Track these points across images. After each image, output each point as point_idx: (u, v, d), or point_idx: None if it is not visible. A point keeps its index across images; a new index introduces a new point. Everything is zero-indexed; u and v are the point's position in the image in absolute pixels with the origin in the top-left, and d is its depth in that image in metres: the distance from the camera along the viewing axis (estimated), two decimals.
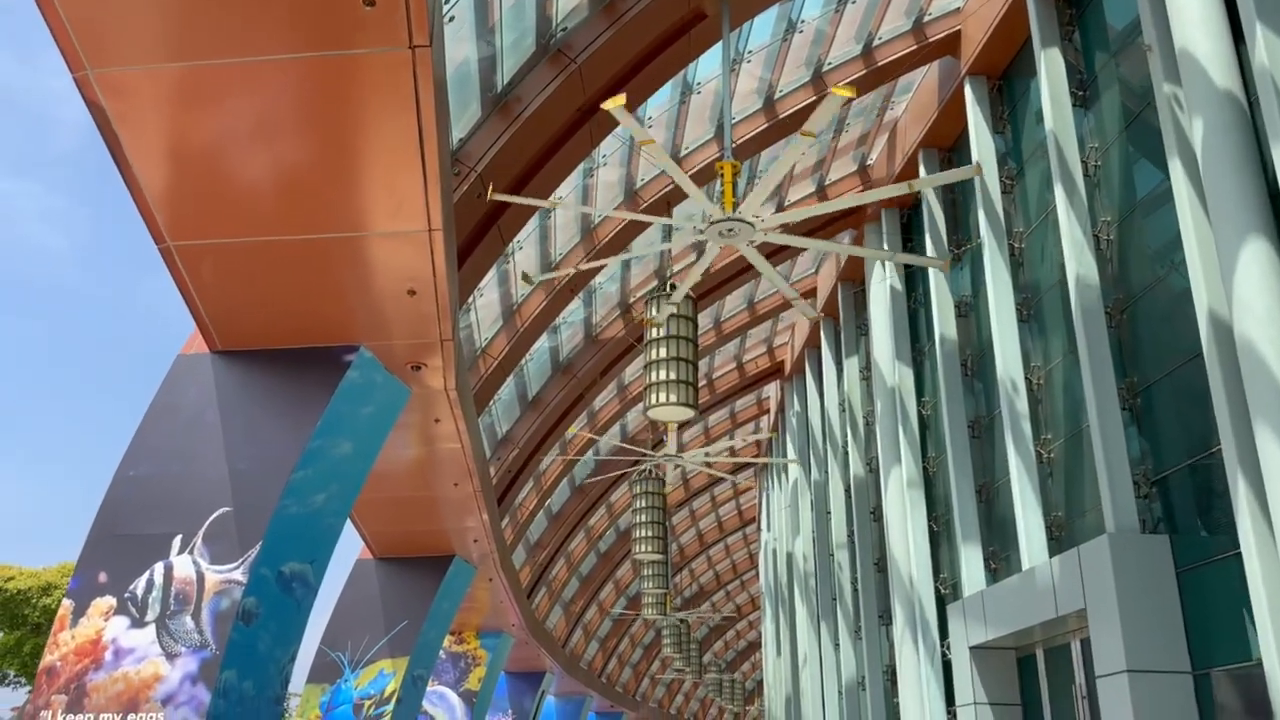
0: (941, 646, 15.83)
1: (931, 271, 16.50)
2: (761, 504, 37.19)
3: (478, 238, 10.67)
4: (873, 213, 18.63)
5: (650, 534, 22.75)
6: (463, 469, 13.06)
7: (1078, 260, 11.85)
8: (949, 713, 15.47)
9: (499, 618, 24.83)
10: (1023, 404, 13.41)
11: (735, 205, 10.03)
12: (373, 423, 10.15)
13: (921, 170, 16.81)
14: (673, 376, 13.96)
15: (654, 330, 14.06)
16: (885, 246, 18.26)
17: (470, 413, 11.19)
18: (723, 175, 10.03)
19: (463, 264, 10.43)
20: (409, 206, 7.23)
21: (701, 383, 27.24)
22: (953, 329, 15.91)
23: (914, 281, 18.26)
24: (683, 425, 27.14)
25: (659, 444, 23.99)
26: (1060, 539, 12.65)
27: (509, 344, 14.68)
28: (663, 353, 14.05)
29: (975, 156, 14.73)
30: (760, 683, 65.58)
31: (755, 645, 62.90)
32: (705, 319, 22.14)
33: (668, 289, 14.31)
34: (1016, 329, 13.87)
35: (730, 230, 9.96)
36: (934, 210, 16.52)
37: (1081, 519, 12.32)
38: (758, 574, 48.73)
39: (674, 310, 13.69)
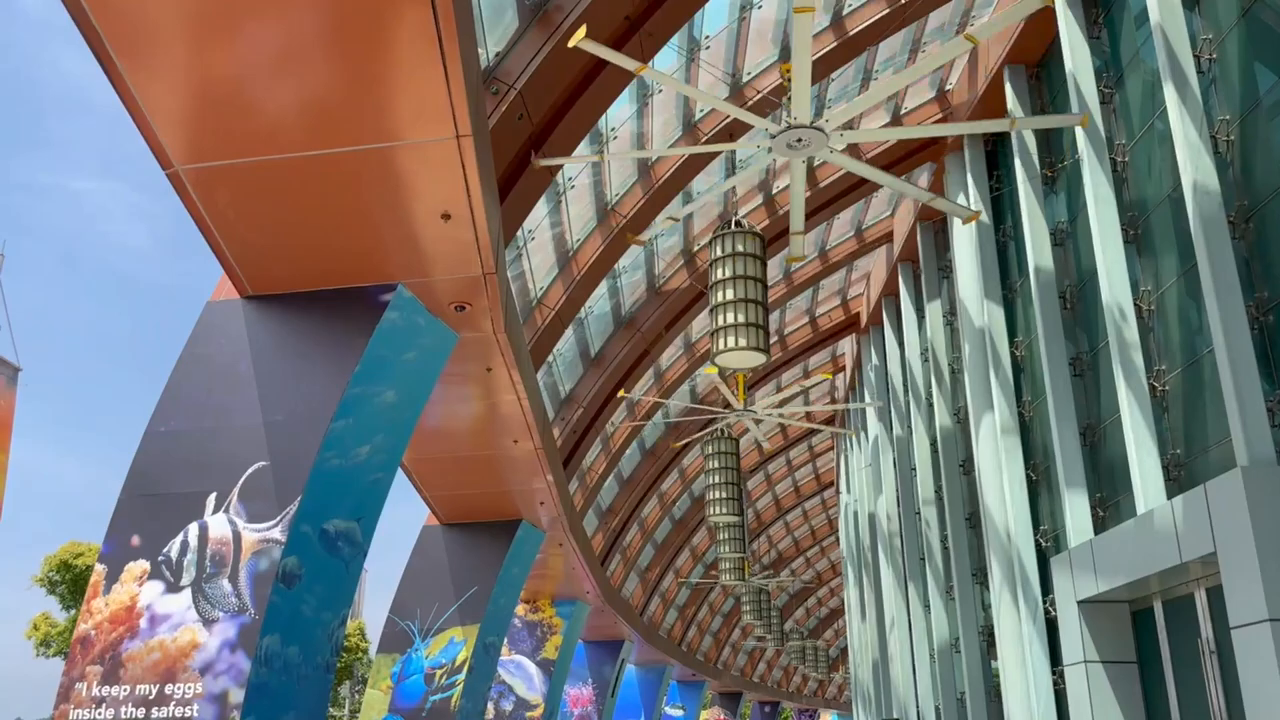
0: (1044, 603, 14.68)
1: (1024, 200, 15.19)
2: (839, 466, 36.01)
3: (520, 166, 9.80)
4: (954, 142, 17.32)
5: (725, 495, 21.80)
6: (521, 424, 12.29)
7: (1194, 166, 10.54)
8: (1054, 673, 14.33)
9: (573, 585, 24.26)
10: (1132, 333, 12.15)
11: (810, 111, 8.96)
12: (417, 370, 9.39)
13: (1008, 90, 15.48)
14: (740, 319, 12.97)
15: (719, 270, 13.09)
16: (969, 177, 16.98)
17: (524, 360, 10.39)
18: (789, 82, 8.96)
19: (505, 195, 9.58)
20: (431, 109, 6.37)
21: (773, 338, 26.21)
22: (1049, 259, 14.62)
23: (1002, 213, 16.94)
24: (753, 385, 26.16)
25: (727, 406, 23.07)
26: (1179, 479, 11.42)
27: (565, 293, 13.85)
28: (729, 294, 13.06)
29: (1069, 68, 13.41)
30: (844, 650, 64.45)
31: (837, 612, 61.77)
32: (774, 269, 21.06)
33: (733, 226, 13.34)
34: (1122, 251, 12.58)
35: (800, 141, 8.91)
36: (1023, 132, 15.19)
37: (1204, 455, 11.06)
38: (837, 539, 47.56)
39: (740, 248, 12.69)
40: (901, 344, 22.91)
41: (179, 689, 7.84)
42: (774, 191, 17.53)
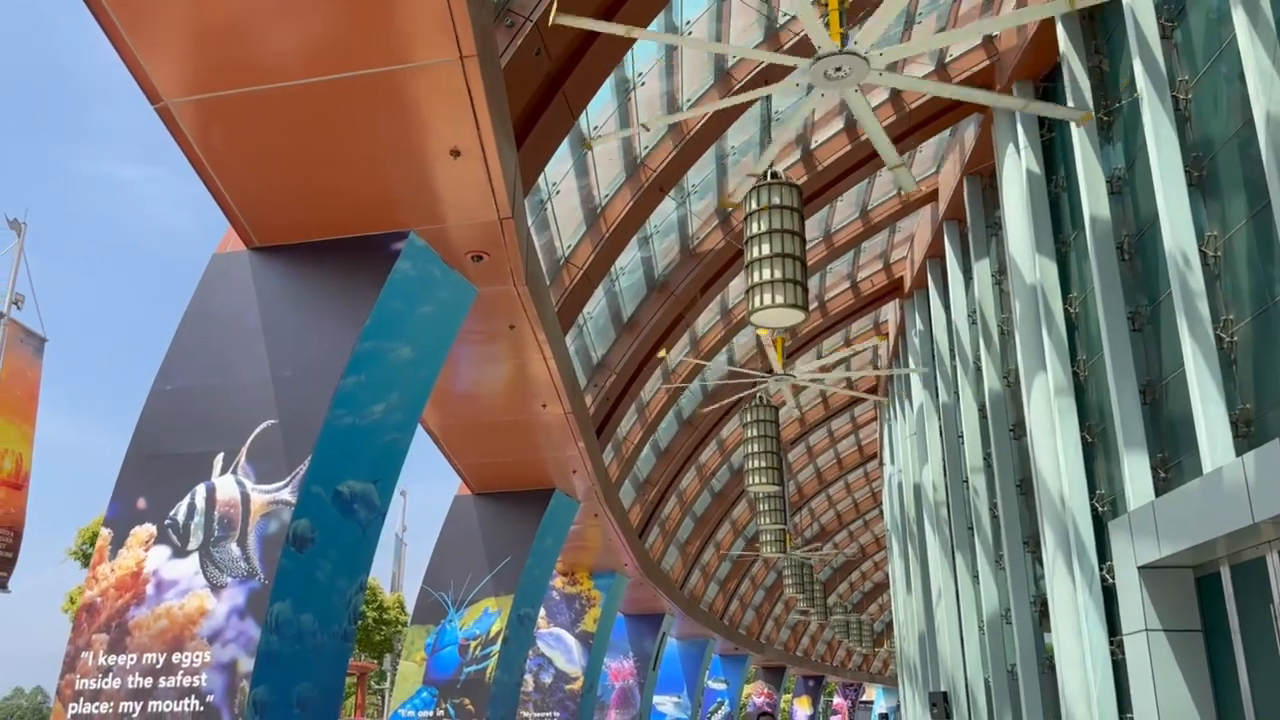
0: (1100, 570, 13.97)
1: (1078, 147, 14.36)
2: (883, 436, 35.22)
3: (539, 106, 9.24)
4: (1001, 90, 16.48)
5: (764, 464, 21.19)
6: (549, 387, 11.81)
7: (1267, 95, 9.73)
8: (1112, 643, 13.64)
9: (611, 557, 23.88)
10: (1197, 281, 11.36)
11: (844, 39, 8.31)
12: (434, 325, 8.91)
13: (1060, 34, 14.63)
14: (778, 275, 12.36)
15: (755, 224, 12.48)
16: (1019, 126, 16.16)
17: (549, 316, 9.88)
18: (828, 2, 8.31)
19: (523, 138, 9.04)
20: (431, 27, 5.84)
21: (813, 304, 25.50)
22: (1105, 208, 13.82)
23: (1054, 163, 16.10)
24: (793, 353, 25.47)
25: (769, 371, 22.44)
26: (1249, 435, 10.66)
27: (594, 252, 13.30)
28: (765, 249, 12.45)
29: (1127, 2, 12.57)
30: (889, 624, 63.75)
31: (881, 586, 61.08)
32: (813, 229, 20.35)
33: (768, 178, 12.71)
34: (1186, 195, 11.76)
35: (839, 70, 8.26)
36: (1076, 74, 14.35)
37: (1277, 409, 10.30)
38: (881, 513, 46.78)
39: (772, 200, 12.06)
40: (947, 307, 22.12)
41: (186, 658, 7.48)
42: (812, 146, 16.82)
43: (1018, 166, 16.50)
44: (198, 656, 7.45)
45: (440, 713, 16.61)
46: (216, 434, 7.98)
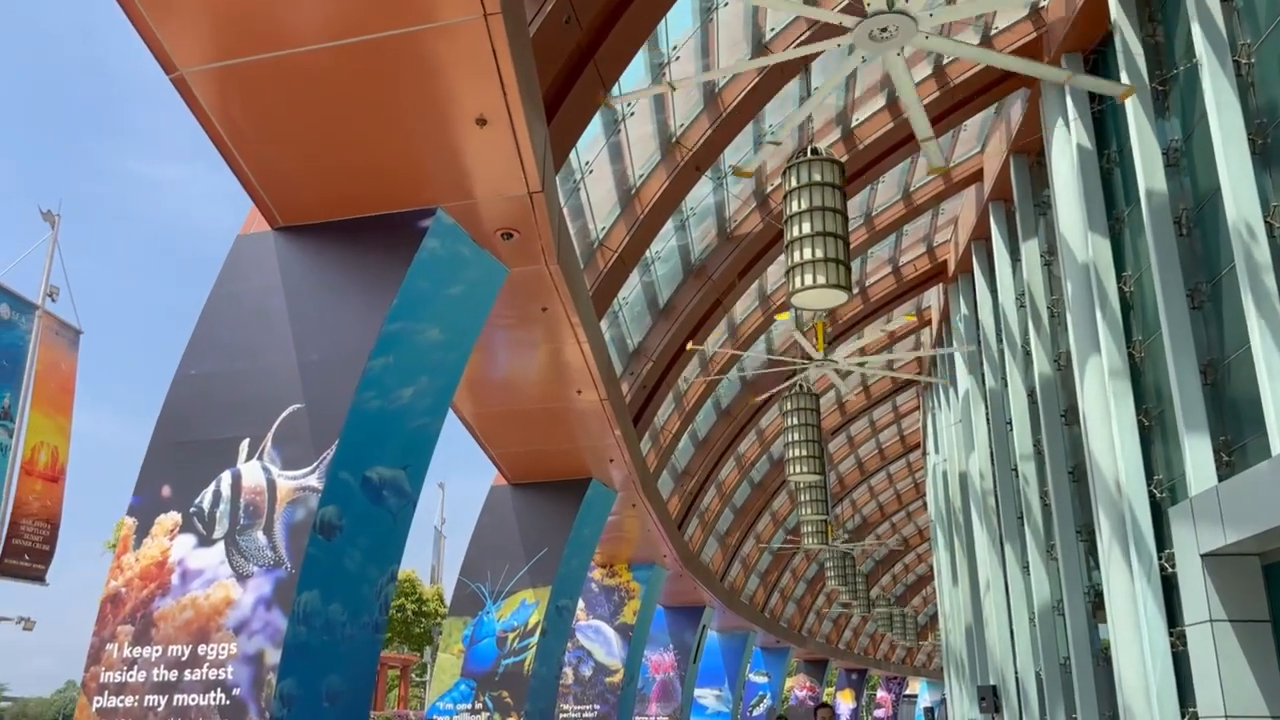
0: (1159, 559, 13.41)
1: (1132, 120, 13.77)
2: (926, 426, 34.59)
3: (570, 78, 8.90)
4: (1050, 60, 15.89)
5: (805, 454, 20.75)
6: (584, 372, 11.50)
7: None
8: (1171, 634, 13.09)
9: (650, 549, 23.57)
10: (1263, 254, 10.79)
11: (891, 1, 7.88)
12: (464, 306, 8.62)
13: (1111, 1, 14.03)
14: (819, 254, 11.94)
15: (795, 202, 12.07)
16: (1068, 99, 15.57)
17: (582, 297, 9.56)
18: None
19: (554, 111, 8.70)
20: None
21: (854, 290, 24.97)
22: (1161, 181, 13.23)
23: (1105, 137, 15.50)
24: (833, 340, 24.96)
25: (807, 359, 21.97)
26: None
27: (629, 234, 12.96)
28: (806, 228, 12.04)
29: None
30: (933, 617, 62.94)
31: (925, 579, 60.26)
32: (854, 212, 19.86)
33: (808, 154, 12.30)
34: (1249, 164, 11.18)
35: (885, 32, 7.84)
36: (1129, 43, 13.76)
37: None
38: (924, 504, 46.04)
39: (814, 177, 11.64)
40: (994, 290, 21.52)
41: (212, 649, 7.26)
42: (853, 124, 16.35)
43: (1067, 141, 15.92)
44: (224, 648, 7.23)
45: (479, 705, 16.40)
46: (242, 419, 7.76)
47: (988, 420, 22.49)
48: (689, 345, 17.03)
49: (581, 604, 25.27)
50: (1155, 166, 13.35)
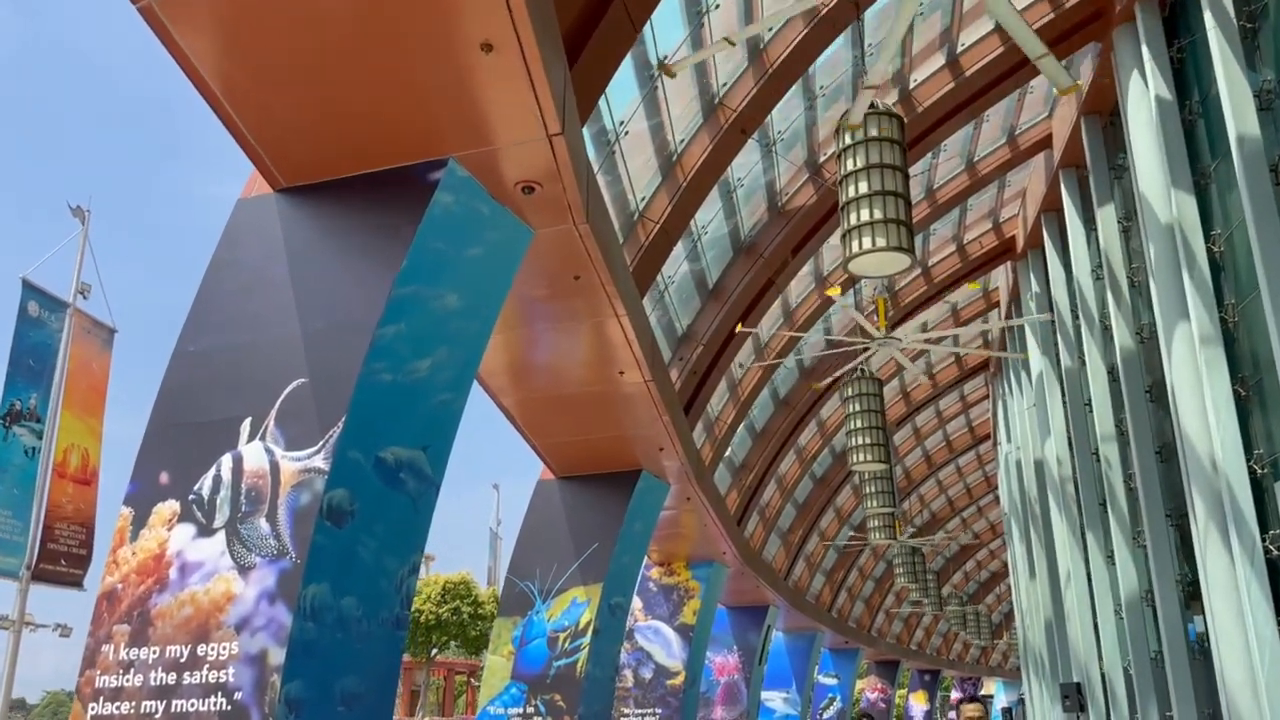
0: (1263, 540, 12.20)
1: (1218, 62, 12.60)
2: (996, 414, 33.17)
3: (594, 14, 8.11)
4: (1123, 11, 14.75)
5: (869, 441, 19.73)
6: (625, 349, 10.70)
7: None
8: (1279, 622, 11.87)
9: (708, 546, 22.70)
10: None
11: None
12: (485, 271, 7.88)
13: None
14: (878, 215, 11.00)
15: (850, 160, 11.15)
16: (1144, 50, 14.42)
17: (618, 264, 8.77)
18: None
19: (577, 52, 7.92)
20: None
21: (914, 272, 23.83)
22: (1254, 126, 12.03)
23: (1186, 86, 14.29)
24: (895, 324, 23.82)
25: (865, 349, 20.92)
26: None
27: (671, 203, 12.13)
28: (863, 187, 11.14)
29: None
30: (1008, 614, 60.96)
31: (998, 576, 58.37)
32: (915, 186, 18.77)
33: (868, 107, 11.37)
34: None
35: None
36: None
37: None
38: (996, 498, 44.41)
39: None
40: (1067, 264, 20.27)
41: (212, 649, 6.60)
42: (911, 85, 15.33)
43: (1144, 95, 14.72)
44: (224, 648, 6.56)
45: (530, 709, 15.68)
46: (243, 397, 7.12)
47: (1064, 402, 21.21)
48: (739, 328, 16.15)
49: (639, 604, 24.50)
50: (1246, 111, 12.15)
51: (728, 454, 23.00)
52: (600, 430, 13.97)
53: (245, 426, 7.07)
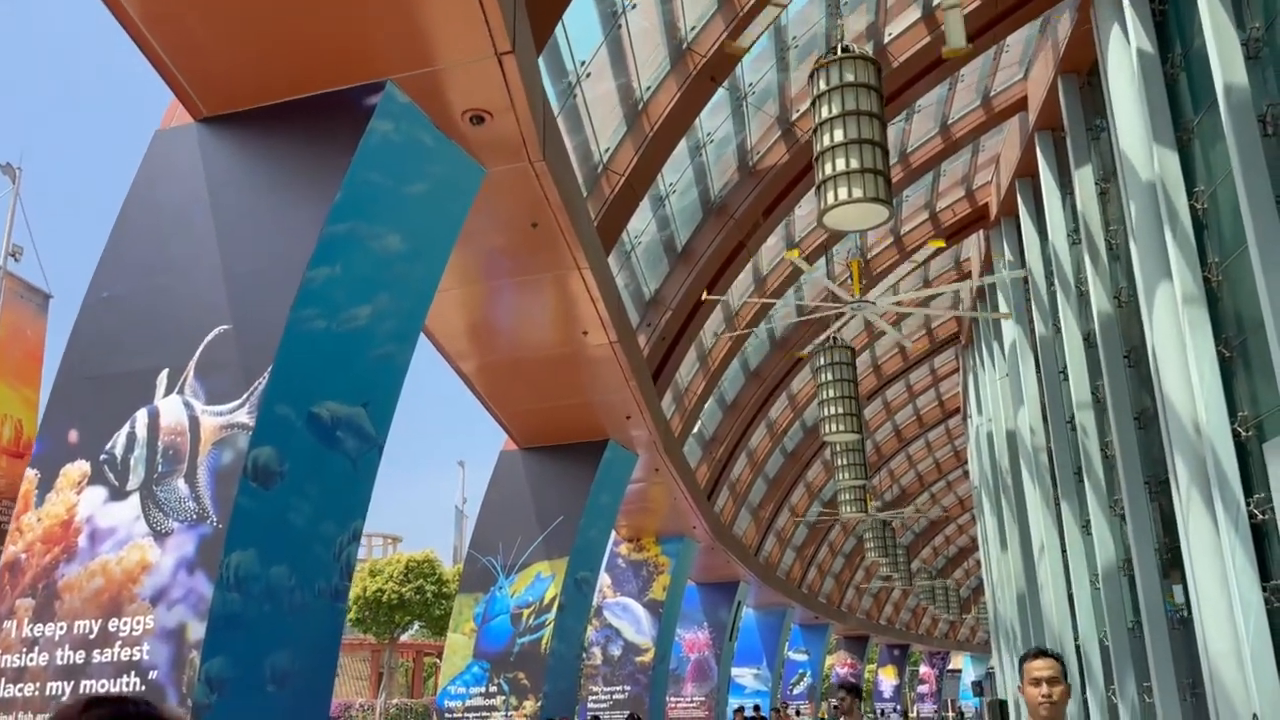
0: (1248, 505, 11.83)
1: (1205, 11, 12.11)
2: (967, 386, 32.92)
3: None
4: None
5: (841, 411, 19.28)
6: (588, 306, 10.10)
7: None
8: (1265, 589, 11.52)
9: (678, 520, 22.19)
10: None
11: None
12: (431, 211, 7.22)
13: None
14: (854, 165, 10.44)
15: (825, 108, 10.57)
16: (1126, 2, 13.94)
17: (579, 213, 8.15)
18: None
19: None
20: None
21: (888, 239, 23.37)
22: (1241, 75, 11.58)
23: (1169, 39, 13.82)
24: (865, 293, 23.35)
25: (839, 317, 20.45)
26: None
27: (637, 154, 11.50)
28: (839, 136, 10.56)
29: None
30: (975, 589, 61.18)
31: (967, 550, 58.56)
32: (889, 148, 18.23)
33: (839, 52, 10.79)
34: None
35: None
36: None
37: None
38: (965, 473, 44.33)
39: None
40: (1042, 230, 19.85)
41: (125, 624, 5.94)
42: (885, 39, 14.76)
43: (1125, 49, 14.25)
44: (138, 622, 5.91)
45: (493, 688, 15.11)
46: (160, 346, 6.44)
47: (1038, 371, 20.86)
48: (705, 296, 15.57)
49: (608, 580, 24.00)
50: (1234, 59, 11.68)
51: (698, 428, 22.48)
52: (564, 397, 13.37)
53: (162, 379, 6.39)
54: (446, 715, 15.15)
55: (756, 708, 23.23)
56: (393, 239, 6.90)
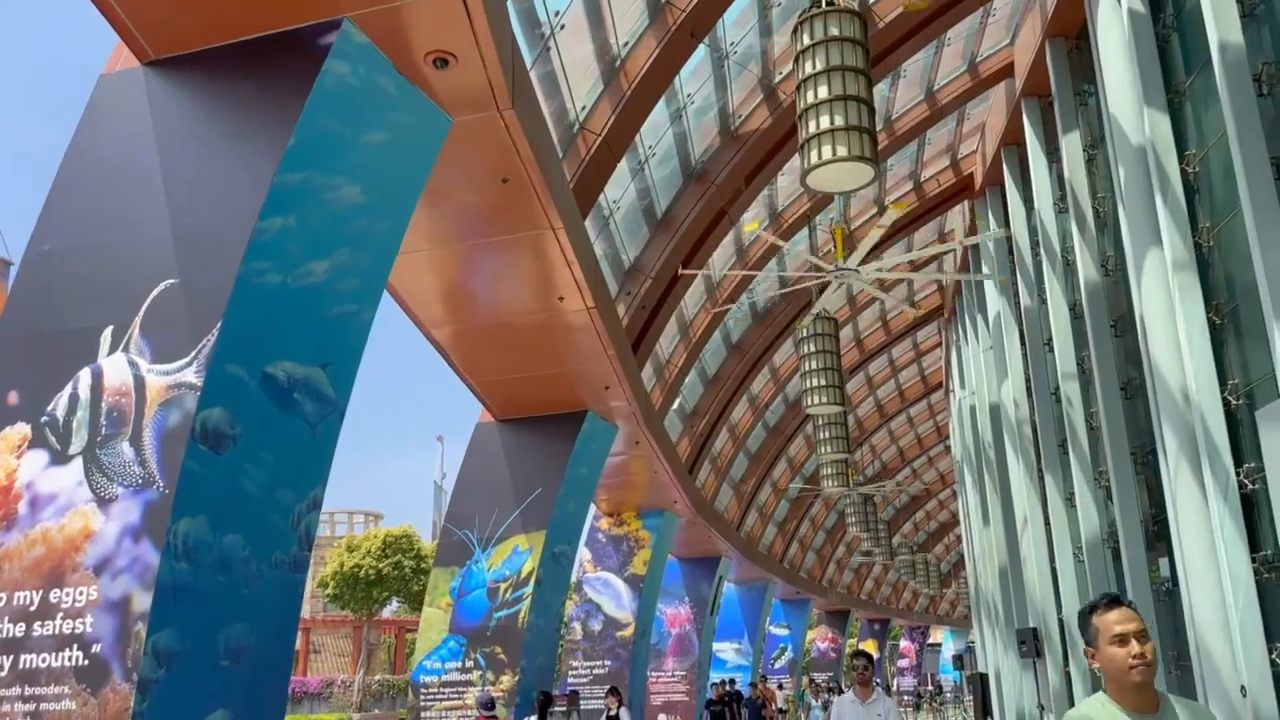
0: (1237, 474, 11.63)
1: None
2: (950, 360, 32.76)
3: None
4: None
5: (824, 383, 19.04)
6: (563, 269, 9.75)
7: None
8: (1255, 560, 11.34)
9: (659, 494, 21.94)
10: None
11: None
12: (393, 161, 6.84)
13: None
14: (839, 122, 10.09)
15: (809, 63, 10.21)
16: None
17: (553, 168, 7.77)
18: None
19: None
20: None
21: (872, 210, 23.05)
22: (1236, 32, 11.28)
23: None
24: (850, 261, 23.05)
25: (824, 288, 20.17)
26: None
27: (614, 113, 11.11)
28: (823, 92, 10.20)
29: None
30: (956, 564, 61.45)
31: (948, 525, 58.78)
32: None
33: (823, 4, 10.43)
34: None
35: None
36: None
37: None
38: (946, 449, 44.33)
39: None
40: (1028, 199, 19.58)
41: (67, 595, 5.60)
42: (871, 0, 14.39)
43: (1115, 9, 13.93)
44: (81, 593, 5.57)
45: (469, 663, 14.84)
46: (104, 302, 6.07)
47: (1023, 343, 20.65)
48: (681, 270, 15.22)
49: (588, 555, 23.77)
50: (1229, 16, 11.37)
51: (679, 402, 22.20)
52: (541, 366, 13.03)
53: (106, 336, 6.02)
54: (422, 690, 14.89)
55: (732, 681, 23.07)
56: (351, 190, 6.53)
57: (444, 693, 14.73)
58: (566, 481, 15.00)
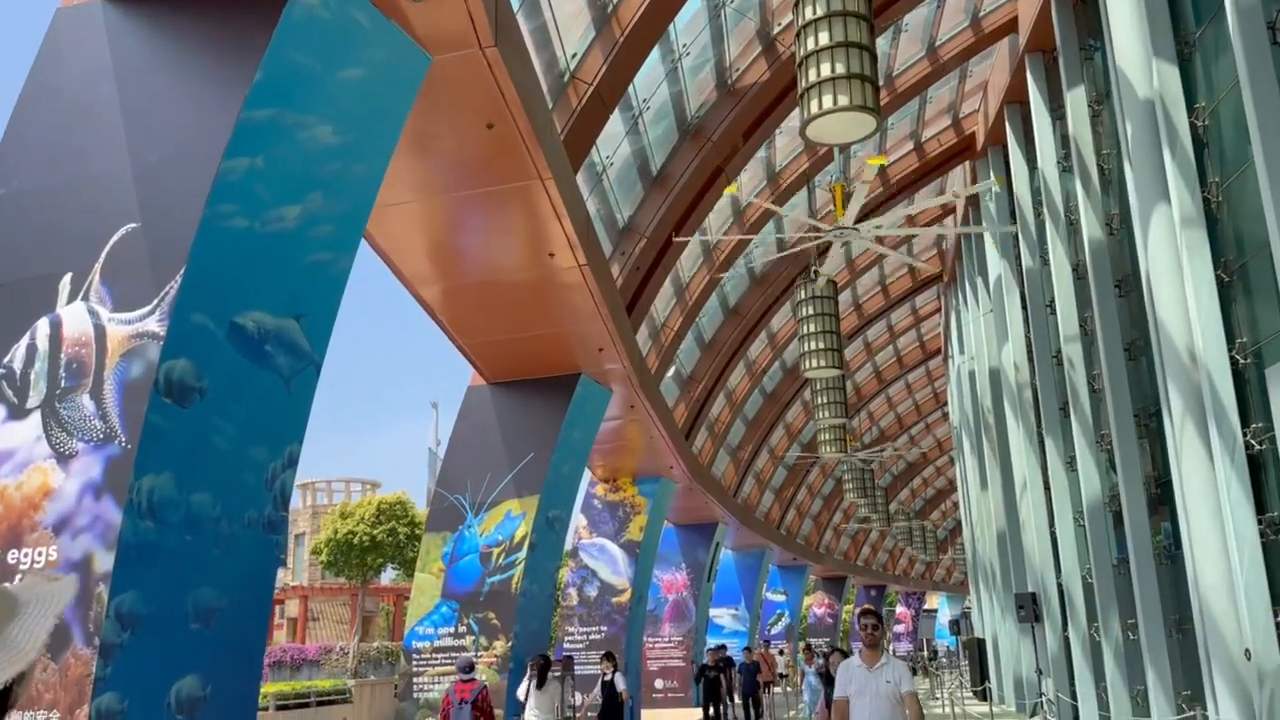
0: (1245, 435, 11.36)
1: None
2: (949, 325, 32.46)
3: None
4: None
5: (823, 346, 18.70)
6: (554, 224, 9.40)
7: None
8: (1261, 522, 11.10)
9: (655, 460, 21.68)
10: None
11: None
12: (368, 100, 6.48)
13: None
14: (840, 70, 9.71)
15: (809, 8, 9.81)
16: None
17: (540, 113, 7.41)
18: None
19: None
20: None
21: (871, 170, 22.61)
22: None
23: None
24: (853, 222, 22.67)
25: (825, 250, 19.82)
26: None
27: (606, 62, 10.71)
28: (824, 39, 9.81)
29: None
30: (952, 530, 61.48)
31: (944, 492, 58.73)
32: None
33: None
34: None
35: None
36: None
37: None
38: (944, 415, 44.12)
39: None
40: (1031, 158, 19.20)
41: (25, 555, 5.32)
42: None
43: None
44: (40, 553, 5.29)
45: (462, 628, 14.65)
46: (63, 249, 5.74)
47: (1024, 305, 20.34)
48: (674, 236, 14.87)
49: (584, 521, 23.58)
50: None
51: (676, 367, 21.91)
52: (533, 326, 12.71)
53: (65, 284, 5.70)
54: (415, 656, 14.70)
55: (723, 647, 22.96)
56: (324, 130, 6.17)
57: (436, 658, 14.54)
58: (560, 445, 14.72)
